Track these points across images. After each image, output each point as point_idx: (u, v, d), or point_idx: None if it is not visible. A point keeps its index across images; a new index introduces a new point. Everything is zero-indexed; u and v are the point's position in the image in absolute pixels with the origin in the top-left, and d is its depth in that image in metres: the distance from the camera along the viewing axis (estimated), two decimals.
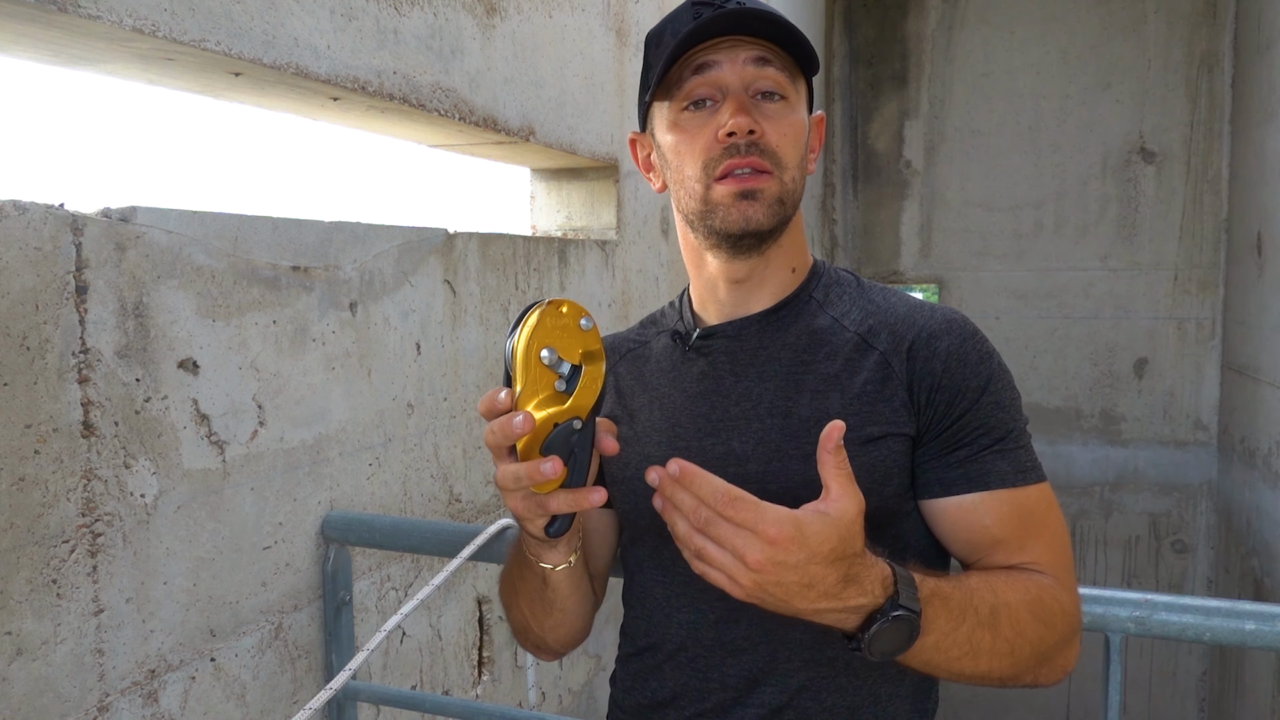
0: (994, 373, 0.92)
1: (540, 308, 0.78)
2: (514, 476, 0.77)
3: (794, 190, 0.94)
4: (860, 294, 0.99)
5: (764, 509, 0.72)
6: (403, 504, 1.64)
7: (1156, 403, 5.16)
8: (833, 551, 0.73)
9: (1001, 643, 0.82)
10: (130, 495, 1.10)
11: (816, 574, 0.73)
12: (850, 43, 5.63)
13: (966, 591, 0.82)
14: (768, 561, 0.72)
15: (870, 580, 0.75)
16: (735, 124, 0.89)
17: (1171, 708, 5.18)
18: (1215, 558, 5.07)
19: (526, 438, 0.76)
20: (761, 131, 0.90)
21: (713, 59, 0.91)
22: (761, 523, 0.72)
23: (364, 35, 1.46)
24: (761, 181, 0.91)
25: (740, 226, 0.91)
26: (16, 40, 1.07)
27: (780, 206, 0.92)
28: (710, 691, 0.93)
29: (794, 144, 0.93)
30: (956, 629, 0.80)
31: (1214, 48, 4.98)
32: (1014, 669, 0.84)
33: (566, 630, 1.04)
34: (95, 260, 1.05)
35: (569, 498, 0.79)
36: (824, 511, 0.73)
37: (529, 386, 0.77)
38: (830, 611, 0.75)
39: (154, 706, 1.14)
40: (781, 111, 0.92)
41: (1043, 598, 0.86)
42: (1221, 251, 5.02)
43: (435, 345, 1.72)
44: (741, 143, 0.90)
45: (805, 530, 0.72)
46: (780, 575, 0.72)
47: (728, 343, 0.98)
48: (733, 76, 0.91)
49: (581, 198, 2.52)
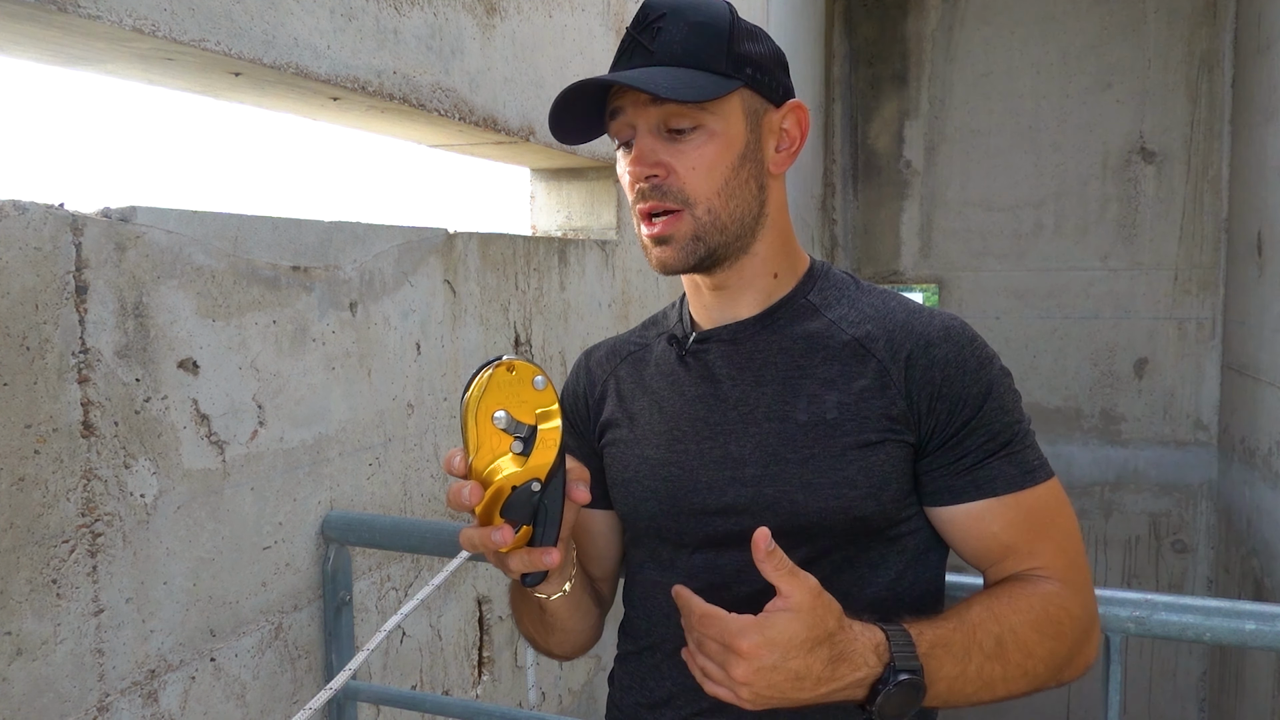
0: (995, 378, 0.92)
1: (490, 369, 0.78)
2: (470, 544, 0.81)
3: (715, 220, 0.91)
4: (858, 297, 0.98)
5: (728, 623, 0.76)
6: (403, 504, 1.64)
7: (1156, 403, 5.16)
8: (806, 640, 0.76)
9: (1013, 669, 0.84)
10: (130, 495, 1.10)
11: (800, 666, 0.76)
12: (850, 43, 5.63)
13: (969, 629, 0.83)
14: (750, 671, 0.75)
15: (861, 652, 0.78)
16: (633, 172, 0.92)
17: (1171, 708, 5.18)
18: (1215, 558, 5.07)
19: (484, 501, 0.78)
20: (666, 172, 0.90)
21: (618, 104, 0.92)
22: (728, 636, 0.76)
23: (364, 35, 1.46)
24: (670, 226, 0.91)
25: (659, 269, 0.94)
26: (16, 40, 1.07)
27: (696, 244, 0.92)
28: None
29: (707, 174, 0.91)
30: (964, 671, 0.82)
31: (1214, 48, 4.98)
32: (1032, 685, 0.86)
33: (572, 644, 1.06)
34: (95, 260, 1.05)
35: (526, 558, 0.81)
36: (783, 608, 0.76)
37: (484, 450, 0.78)
38: (835, 693, 0.78)
39: (154, 706, 1.14)
40: (696, 143, 0.90)
41: (1049, 611, 0.86)
42: (1221, 251, 5.02)
43: (435, 345, 1.72)
44: (645, 187, 0.91)
45: (769, 632, 0.75)
46: (768, 679, 0.75)
47: (724, 346, 0.98)
48: (639, 119, 0.91)
49: (581, 198, 2.52)
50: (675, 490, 0.95)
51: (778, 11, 4.06)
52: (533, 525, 0.80)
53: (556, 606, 0.95)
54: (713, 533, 0.94)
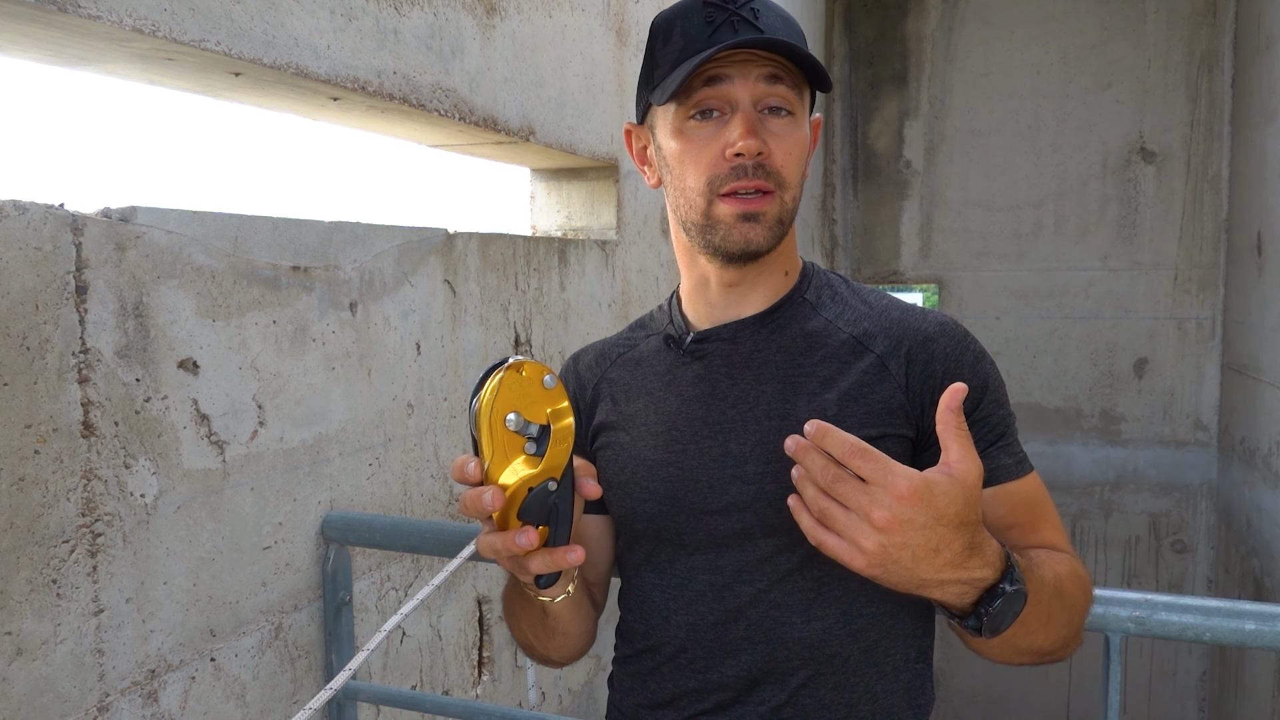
0: (989, 372, 0.95)
1: (500, 372, 0.76)
2: (492, 549, 0.78)
3: (793, 208, 0.94)
4: (851, 296, 1.00)
5: (892, 464, 0.71)
6: (403, 504, 1.64)
7: (1156, 403, 5.16)
8: (958, 515, 0.71)
9: (1065, 612, 0.84)
10: (130, 495, 1.10)
11: (944, 538, 0.71)
12: (850, 43, 5.63)
13: (1037, 564, 0.83)
14: (894, 520, 0.70)
15: (991, 552, 0.75)
16: (745, 146, 0.89)
17: (1171, 708, 5.18)
18: (1215, 558, 5.07)
19: (501, 507, 0.76)
20: (769, 153, 0.90)
21: (725, 72, 0.90)
22: (890, 476, 0.70)
23: (364, 35, 1.46)
24: (764, 204, 0.91)
25: (741, 248, 0.92)
26: (16, 40, 1.07)
27: (780, 227, 0.93)
28: (710, 692, 0.93)
29: (797, 162, 0.93)
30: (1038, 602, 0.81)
31: (1214, 48, 4.98)
32: (1065, 639, 0.86)
33: (571, 648, 1.05)
34: (95, 260, 1.05)
35: (548, 558, 0.79)
36: (949, 473, 0.72)
37: (498, 455, 0.76)
38: (954, 583, 0.74)
39: (154, 706, 1.14)
40: (787, 129, 0.92)
41: (1077, 570, 0.89)
42: (1221, 251, 5.02)
43: (435, 345, 1.72)
44: (749, 164, 0.90)
45: (934, 489, 0.70)
46: (907, 536, 0.70)
47: (723, 345, 0.98)
48: (744, 92, 0.90)
49: (581, 198, 2.52)
50: (675, 490, 0.95)
51: None
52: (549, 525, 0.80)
53: (560, 609, 0.95)
54: (714, 532, 0.93)
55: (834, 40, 5.54)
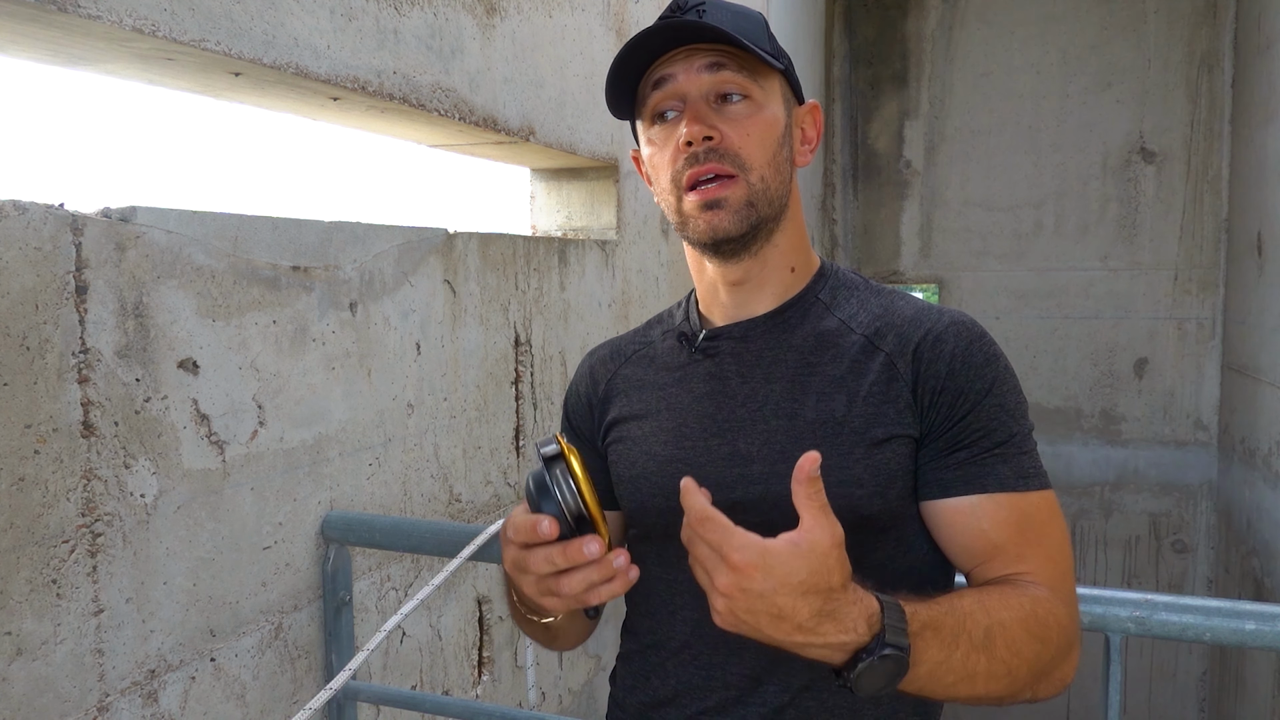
0: (999, 376, 0.91)
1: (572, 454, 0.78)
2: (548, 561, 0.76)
3: (766, 190, 0.93)
4: (868, 296, 0.99)
5: (731, 533, 0.71)
6: (403, 504, 1.64)
7: (1156, 403, 5.16)
8: (802, 584, 0.70)
9: (998, 665, 0.80)
10: (130, 495, 1.10)
11: (786, 605, 0.71)
12: (850, 43, 5.63)
13: (960, 616, 0.80)
14: (734, 587, 0.70)
15: (852, 617, 0.73)
16: (689, 133, 0.90)
17: (1171, 708, 5.18)
18: (1215, 558, 5.07)
19: None
20: (720, 136, 0.91)
21: (669, 71, 0.92)
22: (726, 546, 0.71)
23: (364, 35, 1.46)
24: (725, 189, 0.91)
25: (709, 235, 0.92)
26: (16, 40, 1.07)
27: (750, 210, 0.92)
28: (713, 689, 0.93)
29: (760, 143, 0.92)
30: (950, 657, 0.78)
31: (1214, 48, 4.98)
32: (1011, 689, 0.82)
33: (572, 642, 1.07)
34: (95, 260, 1.05)
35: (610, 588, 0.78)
36: (795, 542, 0.71)
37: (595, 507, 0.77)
38: (809, 646, 0.73)
39: (154, 706, 1.14)
40: (744, 112, 0.92)
41: (1038, 613, 0.84)
42: (1221, 251, 5.02)
43: (435, 345, 1.72)
44: (699, 150, 0.91)
45: (770, 559, 0.70)
46: (748, 603, 0.71)
47: (734, 344, 0.98)
48: (689, 86, 0.92)
49: (581, 198, 2.52)
50: None
51: (777, 12, 4.06)
52: None
53: (561, 619, 0.96)
54: None
55: (834, 40, 5.54)
